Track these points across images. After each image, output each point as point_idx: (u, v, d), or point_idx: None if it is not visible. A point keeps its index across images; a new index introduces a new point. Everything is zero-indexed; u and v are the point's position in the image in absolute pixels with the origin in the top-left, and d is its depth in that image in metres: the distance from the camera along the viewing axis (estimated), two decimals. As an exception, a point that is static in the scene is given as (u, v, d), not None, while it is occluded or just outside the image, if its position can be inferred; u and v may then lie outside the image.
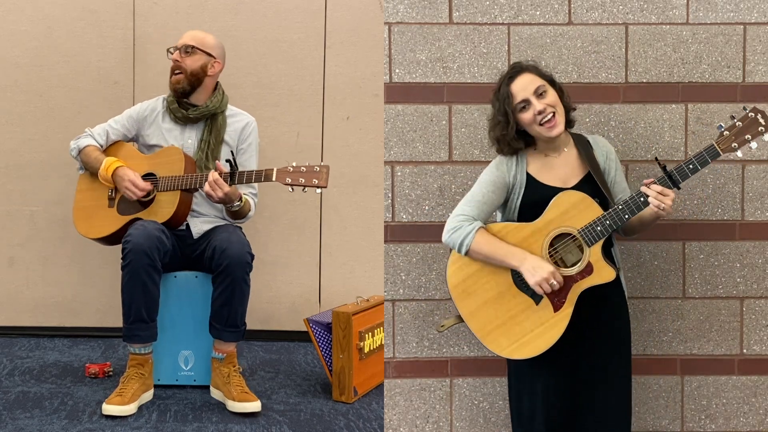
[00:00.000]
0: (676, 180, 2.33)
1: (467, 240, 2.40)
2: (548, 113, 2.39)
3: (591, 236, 2.36)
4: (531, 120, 2.41)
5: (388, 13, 2.83)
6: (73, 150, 3.31)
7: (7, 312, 4.03)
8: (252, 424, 2.89)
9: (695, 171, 2.33)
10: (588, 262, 2.37)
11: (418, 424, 2.88)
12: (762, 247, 2.83)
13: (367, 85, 4.07)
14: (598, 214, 2.36)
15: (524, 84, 2.41)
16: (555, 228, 2.39)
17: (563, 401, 2.43)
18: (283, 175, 3.01)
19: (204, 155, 3.22)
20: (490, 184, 2.47)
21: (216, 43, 3.32)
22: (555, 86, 2.45)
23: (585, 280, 2.38)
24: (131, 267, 2.97)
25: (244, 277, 3.06)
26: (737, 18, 2.81)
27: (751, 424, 2.86)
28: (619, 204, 2.36)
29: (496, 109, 2.45)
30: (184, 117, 3.25)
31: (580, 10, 2.82)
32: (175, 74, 3.24)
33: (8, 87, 3.99)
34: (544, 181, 2.47)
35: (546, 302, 2.39)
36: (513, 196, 2.48)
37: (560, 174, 2.47)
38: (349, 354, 3.12)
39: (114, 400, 2.92)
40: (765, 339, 2.85)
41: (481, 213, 2.44)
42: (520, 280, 2.41)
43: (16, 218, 4.02)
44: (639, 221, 2.45)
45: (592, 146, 2.52)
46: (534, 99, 2.40)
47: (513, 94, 2.41)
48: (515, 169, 2.48)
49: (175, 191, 3.14)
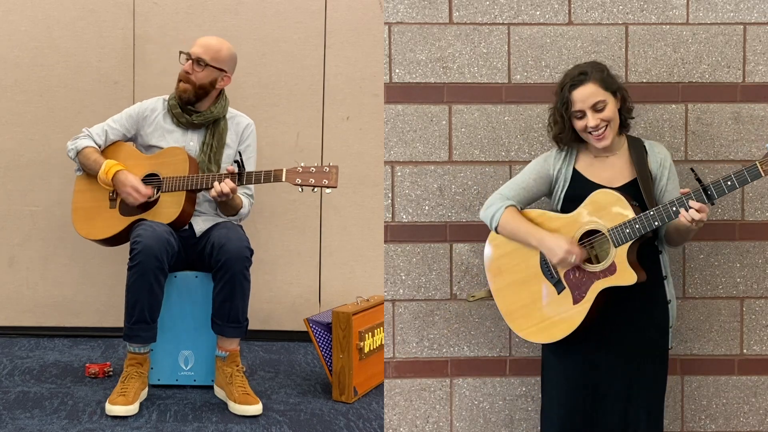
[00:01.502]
0: (711, 195, 2.29)
1: (497, 215, 2.51)
2: (600, 127, 2.43)
3: (619, 237, 2.37)
4: (583, 129, 2.45)
5: (388, 13, 2.83)
6: (70, 151, 3.29)
7: (7, 312, 4.03)
8: (252, 424, 2.89)
9: (733, 189, 2.29)
10: (612, 262, 2.38)
11: (418, 424, 2.88)
12: (762, 247, 2.83)
13: (367, 85, 4.07)
14: (630, 217, 2.37)
15: (585, 96, 2.42)
16: (587, 223, 2.42)
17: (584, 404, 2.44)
18: (293, 176, 3.02)
19: (207, 158, 3.22)
20: (533, 172, 2.56)
21: (229, 56, 3.28)
22: (617, 95, 2.45)
23: (606, 279, 2.39)
24: (140, 268, 2.97)
25: (243, 272, 3.06)
26: (737, 18, 2.81)
27: (751, 424, 2.86)
28: (651, 210, 2.36)
29: (556, 109, 2.49)
30: (188, 122, 3.25)
31: (580, 10, 2.82)
32: (183, 83, 3.22)
33: (8, 87, 3.99)
34: (590, 178, 2.49)
35: (567, 293, 2.43)
36: (557, 188, 2.53)
37: (607, 174, 2.49)
38: (349, 354, 3.12)
39: (118, 401, 2.92)
40: (765, 339, 2.85)
41: (517, 196, 2.54)
42: (546, 266, 2.47)
43: (16, 218, 4.02)
44: (676, 230, 2.44)
45: (647, 151, 2.52)
46: (590, 113, 2.42)
47: (572, 101, 2.44)
48: (561, 163, 2.53)
49: (180, 192, 3.13)
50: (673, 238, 2.49)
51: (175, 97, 3.26)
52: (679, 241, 2.51)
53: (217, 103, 3.28)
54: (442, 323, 2.85)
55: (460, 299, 2.83)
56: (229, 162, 3.24)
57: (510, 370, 2.85)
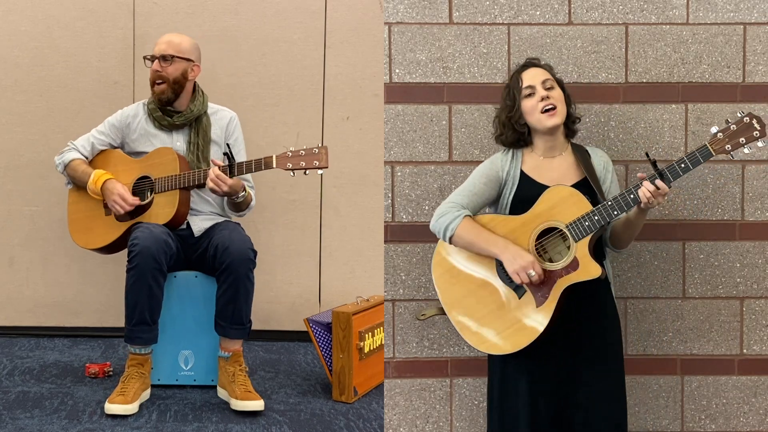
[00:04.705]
0: (667, 178, 2.30)
1: (452, 225, 2.43)
2: (550, 104, 2.43)
3: (578, 231, 2.34)
4: (533, 107, 2.44)
5: (388, 13, 2.83)
6: (58, 166, 3.32)
7: (7, 312, 4.03)
8: (252, 424, 2.89)
9: (687, 170, 2.31)
10: (574, 257, 2.35)
11: (418, 424, 2.88)
12: (762, 247, 2.83)
13: (367, 85, 4.07)
14: (587, 210, 2.35)
15: (534, 74, 2.48)
16: (543, 221, 2.38)
17: (549, 402, 2.41)
18: (284, 161, 3.01)
19: (195, 157, 3.22)
20: (482, 176, 2.51)
21: (192, 45, 3.30)
22: (564, 91, 2.50)
23: (570, 276, 2.35)
24: (138, 270, 2.97)
25: (247, 274, 3.07)
26: (737, 18, 2.81)
27: (751, 424, 2.86)
28: (608, 200, 2.35)
29: (505, 94, 2.51)
30: (170, 124, 3.25)
31: (580, 10, 2.82)
32: (158, 84, 3.23)
33: (8, 87, 3.99)
34: (537, 179, 2.47)
35: (529, 297, 2.38)
36: (505, 191, 2.50)
37: (555, 175, 2.48)
38: (349, 354, 3.12)
39: (117, 400, 2.92)
40: (765, 339, 2.85)
41: (470, 203, 2.48)
42: (503, 272, 2.40)
43: (16, 218, 4.02)
44: (624, 225, 2.42)
45: (590, 155, 2.53)
46: (540, 88, 2.45)
47: (522, 79, 2.48)
48: (509, 165, 2.50)
49: (174, 191, 3.13)
50: (621, 236, 2.45)
51: (154, 101, 3.27)
52: (627, 238, 2.46)
53: (195, 99, 3.28)
54: (442, 323, 2.85)
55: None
56: (217, 157, 3.22)
57: (510, 370, 2.85)
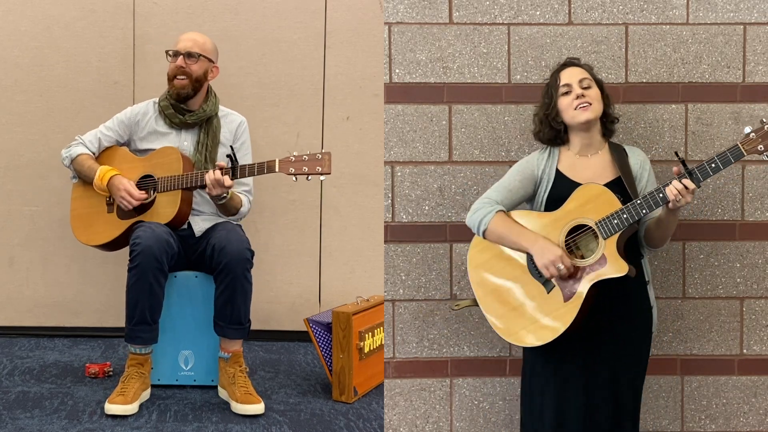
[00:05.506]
0: (696, 178, 2.30)
1: (486, 219, 2.48)
2: (585, 101, 2.45)
3: (607, 228, 2.36)
4: (568, 104, 2.47)
5: (388, 13, 2.83)
6: (65, 159, 3.32)
7: (7, 312, 4.03)
8: (252, 424, 2.89)
9: (717, 170, 2.30)
10: (602, 255, 2.37)
11: (418, 424, 2.88)
12: (762, 247, 2.83)
13: (367, 85, 4.07)
14: (616, 208, 2.36)
15: (572, 73, 2.51)
16: (573, 218, 2.41)
17: (576, 399, 2.43)
18: (287, 166, 3.01)
19: (202, 158, 3.22)
20: (518, 173, 2.55)
21: (213, 47, 3.33)
22: (603, 91, 2.51)
23: (597, 273, 2.37)
24: (139, 269, 2.97)
25: (244, 274, 3.06)
26: (737, 18, 2.81)
27: (751, 424, 2.86)
28: (638, 199, 2.36)
29: (544, 92, 2.55)
30: (182, 122, 3.26)
31: (580, 10, 2.82)
32: (179, 79, 3.23)
33: (8, 87, 3.99)
34: (573, 178, 2.49)
35: (557, 291, 2.41)
36: (541, 189, 2.53)
37: (590, 174, 2.49)
38: (349, 354, 3.12)
39: (117, 400, 2.92)
40: (765, 339, 2.85)
41: (505, 199, 2.52)
42: (534, 266, 2.44)
43: (16, 218, 4.02)
44: (657, 224, 2.43)
45: (627, 154, 2.53)
46: (576, 86, 2.47)
47: (560, 78, 2.51)
48: (545, 163, 2.53)
49: (176, 191, 3.14)
50: (654, 235, 2.46)
51: (168, 97, 3.27)
52: (660, 237, 2.47)
53: (208, 100, 3.29)
54: (442, 323, 2.85)
55: (460, 299, 2.83)
56: (222, 159, 3.22)
57: (510, 370, 2.85)
